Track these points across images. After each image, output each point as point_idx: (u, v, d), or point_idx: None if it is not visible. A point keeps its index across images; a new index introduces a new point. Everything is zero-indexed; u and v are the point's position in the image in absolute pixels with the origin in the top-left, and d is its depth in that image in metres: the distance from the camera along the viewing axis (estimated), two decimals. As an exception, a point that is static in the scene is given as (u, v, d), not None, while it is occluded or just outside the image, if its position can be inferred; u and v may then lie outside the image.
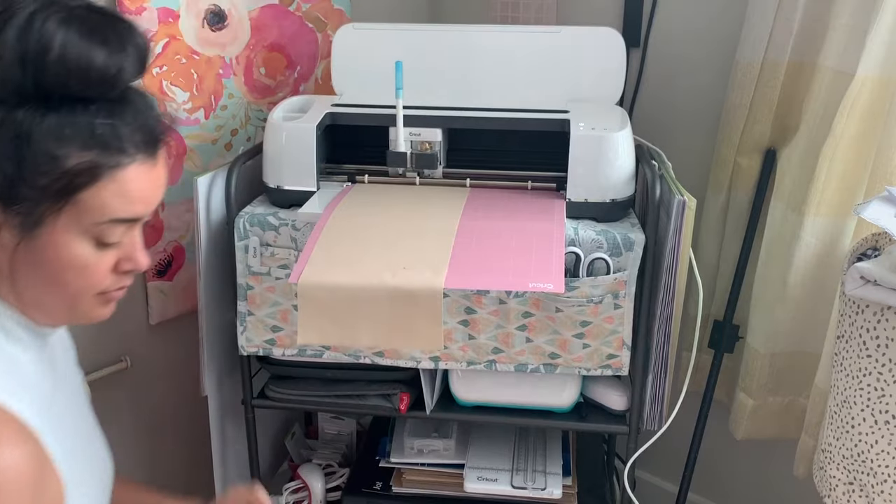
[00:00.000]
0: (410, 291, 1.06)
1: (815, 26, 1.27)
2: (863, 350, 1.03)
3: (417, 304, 1.06)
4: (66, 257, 0.72)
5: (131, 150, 0.72)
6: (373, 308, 1.08)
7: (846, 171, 1.24)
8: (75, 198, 0.69)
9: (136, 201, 0.73)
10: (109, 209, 0.72)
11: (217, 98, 1.43)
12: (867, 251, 1.08)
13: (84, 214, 0.71)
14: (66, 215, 0.70)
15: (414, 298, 1.06)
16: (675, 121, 1.60)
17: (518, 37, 1.35)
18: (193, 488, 1.61)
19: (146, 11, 1.27)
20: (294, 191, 1.21)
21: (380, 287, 1.03)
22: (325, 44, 1.61)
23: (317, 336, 1.07)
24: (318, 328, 1.06)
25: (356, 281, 1.04)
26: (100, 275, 0.75)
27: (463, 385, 1.26)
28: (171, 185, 1.39)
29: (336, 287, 1.03)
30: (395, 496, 1.39)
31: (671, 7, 1.56)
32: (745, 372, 1.45)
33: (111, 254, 0.76)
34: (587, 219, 1.17)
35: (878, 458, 1.04)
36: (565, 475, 1.35)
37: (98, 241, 0.73)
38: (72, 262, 0.73)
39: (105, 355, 1.37)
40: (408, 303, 1.06)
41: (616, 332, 1.15)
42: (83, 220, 0.71)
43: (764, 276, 1.40)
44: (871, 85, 1.19)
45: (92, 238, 0.73)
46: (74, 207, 0.70)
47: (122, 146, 0.71)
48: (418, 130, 1.21)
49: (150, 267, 1.38)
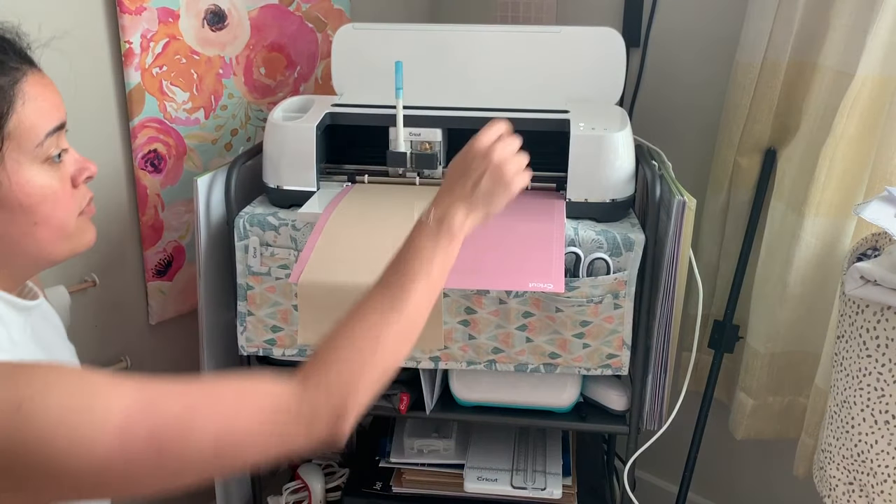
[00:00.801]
0: (410, 291, 1.05)
1: (815, 26, 1.27)
2: (863, 350, 1.03)
3: (417, 304, 1.06)
4: (34, 191, 0.76)
5: (15, 65, 0.75)
6: (373, 308, 1.08)
7: (846, 171, 1.24)
8: (4, 131, 0.73)
9: (51, 108, 0.77)
10: (38, 125, 0.75)
11: (217, 98, 1.43)
12: (867, 251, 1.08)
13: (24, 143, 0.74)
14: (9, 154, 0.73)
15: (414, 298, 1.06)
16: (675, 121, 1.60)
17: (518, 37, 1.35)
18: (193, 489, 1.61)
19: (146, 11, 1.27)
20: (294, 191, 1.21)
21: (380, 287, 1.03)
22: (325, 44, 1.61)
23: (317, 336, 1.07)
24: (318, 328, 1.06)
25: (356, 281, 1.03)
26: (68, 194, 0.79)
27: (463, 385, 1.26)
28: (171, 185, 1.39)
29: (336, 287, 1.03)
30: (395, 496, 1.39)
31: (671, 7, 1.56)
32: (745, 372, 1.45)
33: (64, 172, 0.79)
34: (587, 219, 1.17)
35: (878, 458, 1.04)
36: (565, 475, 1.35)
37: (47, 162, 0.77)
38: (41, 194, 0.76)
39: (105, 355, 1.37)
40: (408, 303, 1.06)
41: (616, 332, 1.15)
42: (25, 148, 0.75)
43: (764, 276, 1.40)
44: (871, 85, 1.19)
45: (41, 162, 0.76)
46: (13, 142, 0.74)
47: (5, 64, 0.74)
48: (418, 130, 1.21)
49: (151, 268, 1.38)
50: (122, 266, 1.37)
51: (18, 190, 0.75)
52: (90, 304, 1.32)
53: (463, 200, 0.84)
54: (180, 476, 0.65)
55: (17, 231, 0.76)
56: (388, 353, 0.75)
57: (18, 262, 0.79)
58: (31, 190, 0.75)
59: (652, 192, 1.13)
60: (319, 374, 0.71)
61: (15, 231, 0.76)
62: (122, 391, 0.63)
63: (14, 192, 0.74)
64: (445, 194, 0.86)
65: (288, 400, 0.69)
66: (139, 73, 1.28)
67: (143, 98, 1.30)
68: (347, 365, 0.72)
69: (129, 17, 1.25)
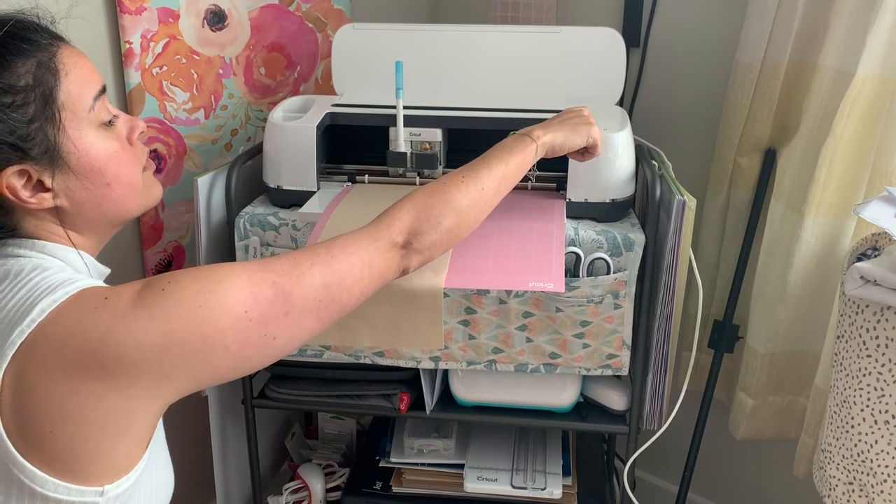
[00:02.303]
0: (411, 291, 1.06)
1: (815, 26, 1.27)
2: (863, 350, 1.03)
3: (418, 304, 1.06)
4: (100, 153, 0.81)
5: (48, 41, 0.79)
6: (373, 308, 1.08)
7: (846, 171, 1.24)
8: (58, 103, 0.77)
9: (91, 74, 0.82)
10: (84, 92, 0.80)
11: (217, 98, 1.43)
12: (867, 251, 1.08)
13: (78, 110, 0.79)
14: (69, 123, 0.78)
15: (414, 298, 1.06)
16: (675, 121, 1.60)
17: (518, 37, 1.35)
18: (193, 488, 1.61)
19: (146, 11, 1.27)
20: (294, 191, 1.21)
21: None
22: (325, 44, 1.61)
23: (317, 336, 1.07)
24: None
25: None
26: (129, 152, 0.86)
27: (463, 385, 1.26)
28: (172, 186, 1.39)
29: (336, 287, 1.03)
30: (395, 496, 1.39)
31: (671, 7, 1.56)
32: (745, 372, 1.45)
33: (119, 132, 0.85)
34: (587, 219, 1.17)
35: (877, 458, 1.04)
36: (565, 475, 1.35)
37: (102, 126, 0.82)
38: (106, 154, 0.82)
39: (105, 355, 1.37)
40: (408, 303, 1.06)
41: (616, 332, 1.15)
42: (80, 116, 0.79)
43: (764, 276, 1.40)
44: (871, 85, 1.19)
45: (97, 126, 0.81)
46: (68, 112, 0.78)
47: (39, 42, 0.78)
48: (418, 130, 1.21)
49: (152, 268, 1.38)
50: (122, 266, 1.37)
51: (86, 155, 0.80)
52: (90, 304, 1.32)
53: (546, 125, 1.03)
54: (304, 320, 0.77)
55: (94, 194, 0.82)
56: (464, 213, 0.91)
57: (100, 224, 0.85)
58: (97, 153, 0.81)
59: (652, 192, 1.13)
60: (415, 239, 0.87)
61: (92, 195, 0.82)
62: (239, 266, 0.75)
63: (83, 158, 0.80)
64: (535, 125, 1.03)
65: (390, 267, 0.86)
66: (139, 73, 1.28)
67: (143, 98, 1.30)
68: (435, 225, 0.88)
69: (129, 17, 1.25)
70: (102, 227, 0.86)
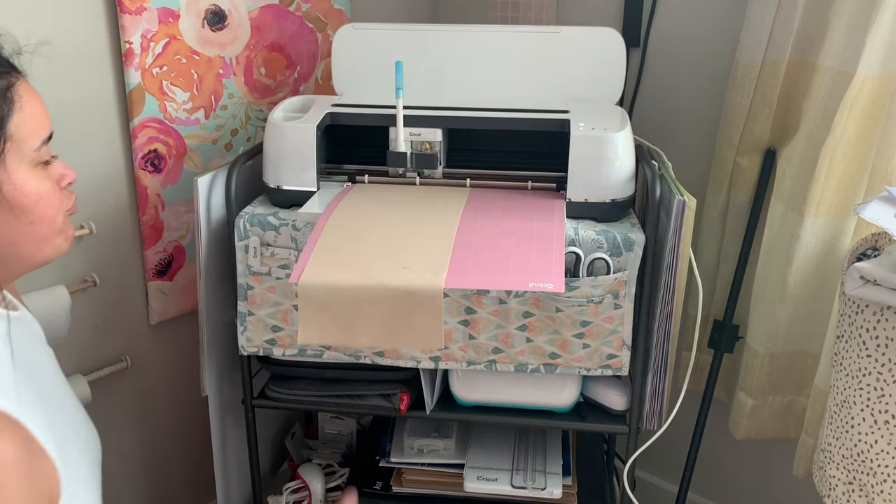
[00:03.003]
0: (411, 291, 1.06)
1: (815, 26, 1.27)
2: (862, 350, 1.03)
3: (418, 304, 1.06)
4: (32, 191, 0.79)
5: (6, 70, 0.78)
6: (373, 308, 1.08)
7: (846, 171, 1.25)
8: (6, 132, 0.76)
9: (45, 117, 0.82)
10: (37, 134, 0.79)
11: (217, 98, 1.43)
12: (867, 251, 1.08)
13: (23, 146, 0.78)
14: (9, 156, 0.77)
15: (414, 298, 1.06)
16: (675, 121, 1.60)
17: (518, 37, 1.35)
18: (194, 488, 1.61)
19: (146, 11, 1.27)
20: (294, 191, 1.21)
21: (380, 287, 1.03)
22: (325, 44, 1.61)
23: (317, 336, 1.07)
24: (318, 328, 1.06)
25: (356, 281, 1.04)
26: (58, 195, 0.84)
27: (463, 385, 1.26)
28: (172, 185, 1.39)
29: (336, 287, 1.03)
30: (395, 496, 1.39)
31: (671, 7, 1.56)
32: (744, 372, 1.45)
33: (53, 174, 0.84)
34: (587, 219, 1.17)
35: (877, 458, 1.04)
36: (565, 475, 1.35)
37: (40, 166, 0.81)
38: (37, 194, 0.80)
39: (105, 355, 1.37)
40: (408, 303, 1.06)
41: (616, 332, 1.15)
42: (24, 151, 0.78)
43: (764, 276, 1.40)
44: (871, 85, 1.19)
45: (36, 166, 0.80)
46: (14, 144, 0.77)
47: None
48: (418, 130, 1.21)
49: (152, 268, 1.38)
50: (122, 266, 1.37)
51: (17, 191, 0.78)
52: (90, 304, 1.33)
53: None
54: None
55: (13, 230, 0.79)
56: None
57: (10, 262, 0.82)
58: (30, 189, 0.79)
59: (652, 192, 1.13)
60: None
61: (13, 230, 0.79)
62: None
63: (13, 193, 0.77)
64: None
65: None
66: (139, 73, 1.28)
67: (143, 98, 1.30)
68: None
69: (130, 18, 1.25)
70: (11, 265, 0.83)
